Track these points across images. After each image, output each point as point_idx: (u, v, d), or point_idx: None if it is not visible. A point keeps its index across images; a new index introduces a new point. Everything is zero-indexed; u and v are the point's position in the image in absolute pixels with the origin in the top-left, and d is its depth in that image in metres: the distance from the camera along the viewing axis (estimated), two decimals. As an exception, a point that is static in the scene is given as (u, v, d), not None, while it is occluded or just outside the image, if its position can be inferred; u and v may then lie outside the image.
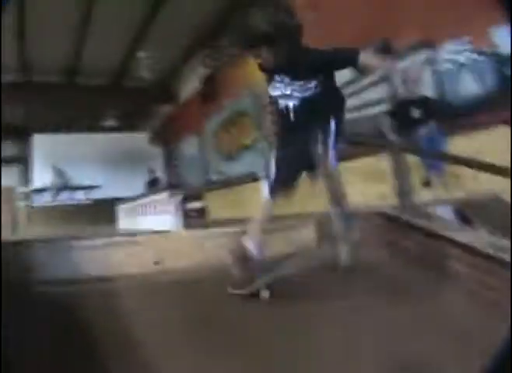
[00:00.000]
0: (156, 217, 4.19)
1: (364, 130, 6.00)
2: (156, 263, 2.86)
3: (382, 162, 5.26)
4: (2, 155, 15.81)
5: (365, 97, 6.18)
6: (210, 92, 10.97)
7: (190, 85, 12.28)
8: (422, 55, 5.52)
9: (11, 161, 15.97)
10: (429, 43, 5.42)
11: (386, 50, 5.55)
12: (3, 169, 15.50)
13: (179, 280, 2.65)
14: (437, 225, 2.67)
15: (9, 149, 16.18)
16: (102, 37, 9.33)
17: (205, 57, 10.56)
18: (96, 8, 8.41)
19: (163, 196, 3.76)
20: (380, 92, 5.93)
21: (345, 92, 6.43)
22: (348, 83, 6.31)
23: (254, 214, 2.44)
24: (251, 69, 9.09)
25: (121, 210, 7.46)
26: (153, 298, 2.43)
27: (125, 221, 6.58)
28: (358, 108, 6.24)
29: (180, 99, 13.01)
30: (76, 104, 12.51)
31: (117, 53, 10.54)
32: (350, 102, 6.37)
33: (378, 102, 5.94)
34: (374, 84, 6.01)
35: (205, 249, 2.96)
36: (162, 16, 8.86)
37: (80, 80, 11.91)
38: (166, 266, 2.86)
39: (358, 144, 4.39)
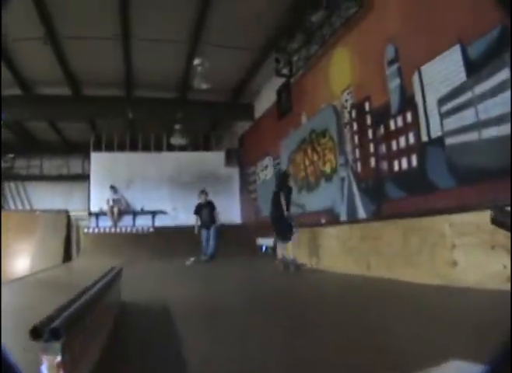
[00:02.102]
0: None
1: (480, 162, 4.03)
2: None
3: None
4: (70, 172, 15.47)
5: (481, 112, 4.16)
6: (285, 106, 9.43)
7: (265, 98, 10.85)
8: None
9: (77, 179, 15.53)
10: None
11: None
12: (69, 186, 15.07)
13: None
14: None
15: (76, 167, 15.89)
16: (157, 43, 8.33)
17: (276, 63, 8.78)
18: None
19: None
20: (503, 103, 3.83)
21: (454, 102, 4.45)
22: (458, 91, 4.37)
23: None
24: (331, 76, 7.34)
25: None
26: None
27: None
28: (471, 128, 4.24)
29: (256, 113, 11.62)
30: (138, 119, 11.53)
31: (177, 60, 9.46)
32: (459, 119, 4.31)
33: (500, 119, 3.89)
34: (495, 92, 3.95)
35: None
36: (220, 14, 7.57)
37: (141, 93, 11.02)
38: None
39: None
